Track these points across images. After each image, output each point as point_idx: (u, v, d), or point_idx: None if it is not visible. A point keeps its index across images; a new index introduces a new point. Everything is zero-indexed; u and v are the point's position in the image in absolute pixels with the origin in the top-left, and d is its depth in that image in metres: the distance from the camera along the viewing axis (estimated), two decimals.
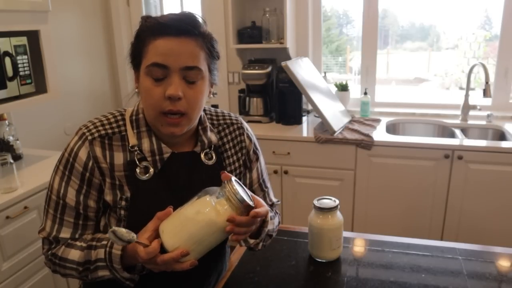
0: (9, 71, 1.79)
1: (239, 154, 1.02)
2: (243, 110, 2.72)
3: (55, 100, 2.08)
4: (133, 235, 0.75)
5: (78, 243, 0.89)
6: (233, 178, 0.81)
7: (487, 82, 2.30)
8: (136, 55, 0.86)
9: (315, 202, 1.12)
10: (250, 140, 1.05)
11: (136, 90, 0.90)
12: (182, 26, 0.81)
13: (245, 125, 1.06)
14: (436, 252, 1.17)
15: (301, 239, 1.24)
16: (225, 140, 1.01)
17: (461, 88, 3.46)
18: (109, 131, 0.90)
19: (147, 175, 0.89)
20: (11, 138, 2.02)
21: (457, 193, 2.17)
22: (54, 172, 0.90)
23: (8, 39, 1.78)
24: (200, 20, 0.85)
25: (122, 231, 0.74)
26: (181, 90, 0.82)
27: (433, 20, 3.46)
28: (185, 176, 0.93)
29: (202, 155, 0.96)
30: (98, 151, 0.87)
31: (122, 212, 0.89)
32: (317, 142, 2.29)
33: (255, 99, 2.67)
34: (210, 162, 0.96)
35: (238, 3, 2.66)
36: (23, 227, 1.71)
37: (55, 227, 0.90)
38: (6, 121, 2.02)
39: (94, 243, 0.88)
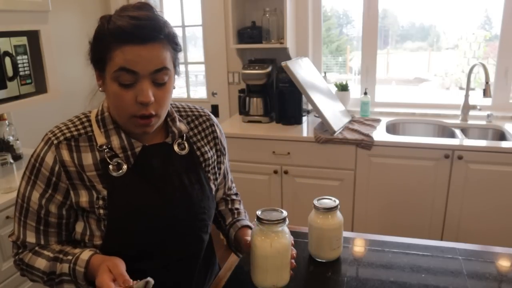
0: (9, 71, 1.79)
1: (212, 144, 1.05)
2: (243, 110, 2.72)
3: (55, 100, 2.08)
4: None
5: (45, 252, 0.91)
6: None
7: (487, 82, 2.30)
8: (99, 58, 0.85)
9: (315, 202, 1.12)
10: (220, 130, 1.09)
11: (100, 89, 0.90)
12: (147, 33, 0.81)
13: (212, 116, 1.09)
14: (436, 252, 1.17)
15: (301, 239, 1.24)
16: (195, 131, 1.03)
17: (461, 88, 3.46)
18: (75, 132, 0.90)
19: (120, 171, 0.90)
20: (11, 138, 2.02)
21: (457, 193, 2.17)
22: (22, 178, 0.91)
23: (8, 39, 1.78)
24: (161, 20, 0.84)
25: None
26: (152, 95, 0.83)
27: (433, 20, 3.46)
28: (159, 167, 0.94)
29: (175, 146, 0.97)
30: (65, 154, 0.87)
31: (101, 211, 0.88)
32: (317, 142, 2.29)
33: (255, 99, 2.67)
34: (183, 152, 0.98)
35: (238, 3, 2.66)
36: None
37: (21, 231, 0.91)
38: (6, 121, 2.02)
39: (60, 256, 0.89)
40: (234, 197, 1.20)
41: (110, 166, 0.89)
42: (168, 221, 0.93)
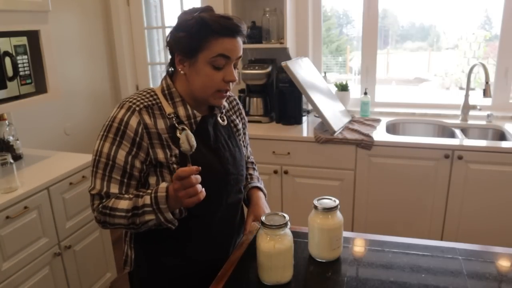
0: (9, 71, 1.79)
1: (240, 118, 1.31)
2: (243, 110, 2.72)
3: (55, 100, 2.08)
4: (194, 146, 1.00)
5: (126, 196, 1.08)
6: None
7: (487, 82, 2.30)
8: (195, 47, 1.04)
9: (315, 202, 1.12)
10: (242, 107, 1.35)
11: (182, 72, 1.08)
12: (237, 29, 1.05)
13: (236, 96, 1.34)
14: (436, 252, 1.17)
15: (301, 239, 1.24)
16: (228, 107, 1.28)
17: (461, 88, 3.46)
18: (149, 103, 1.09)
19: None
20: (11, 138, 2.02)
21: (457, 193, 2.17)
22: (101, 140, 1.06)
23: (8, 39, 1.78)
24: (241, 20, 1.08)
25: (192, 137, 0.99)
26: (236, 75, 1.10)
27: (433, 20, 3.46)
28: (212, 134, 1.16)
29: (219, 118, 1.20)
30: (147, 118, 1.07)
31: (175, 166, 1.08)
32: (317, 142, 2.29)
33: (255, 99, 2.67)
34: (224, 123, 1.22)
35: (238, 3, 2.66)
36: (23, 227, 1.71)
37: (105, 184, 1.07)
38: (6, 121, 2.02)
39: (140, 193, 1.07)
40: (249, 165, 1.42)
41: (177, 131, 1.10)
42: (222, 175, 1.15)
